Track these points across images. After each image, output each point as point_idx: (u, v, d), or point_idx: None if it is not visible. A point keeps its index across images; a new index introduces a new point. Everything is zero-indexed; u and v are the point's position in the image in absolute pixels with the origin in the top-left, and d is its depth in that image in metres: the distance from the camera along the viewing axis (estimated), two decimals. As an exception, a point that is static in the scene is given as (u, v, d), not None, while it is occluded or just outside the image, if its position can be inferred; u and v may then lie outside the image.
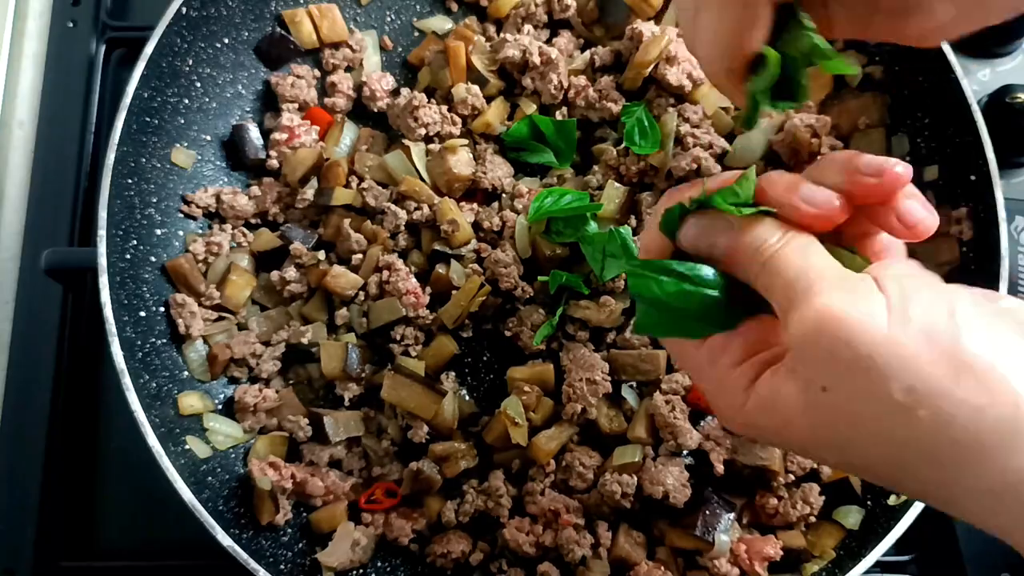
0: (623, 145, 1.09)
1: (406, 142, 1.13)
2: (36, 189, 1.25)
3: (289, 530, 1.02)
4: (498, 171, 1.12)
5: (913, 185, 0.60)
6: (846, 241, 0.63)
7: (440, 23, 1.23)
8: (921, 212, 0.59)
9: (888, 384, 0.49)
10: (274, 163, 1.15)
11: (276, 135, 1.14)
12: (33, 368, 1.17)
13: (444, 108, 1.15)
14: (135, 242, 1.05)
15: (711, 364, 0.63)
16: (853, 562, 0.94)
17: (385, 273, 1.07)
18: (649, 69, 1.11)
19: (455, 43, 1.15)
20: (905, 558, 1.11)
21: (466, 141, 1.13)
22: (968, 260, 1.02)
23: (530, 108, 1.14)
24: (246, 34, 1.16)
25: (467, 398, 1.09)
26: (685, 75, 1.10)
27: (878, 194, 0.59)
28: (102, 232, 0.99)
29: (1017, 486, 0.49)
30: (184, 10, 1.07)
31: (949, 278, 0.57)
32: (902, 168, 0.58)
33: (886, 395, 0.50)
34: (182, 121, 1.12)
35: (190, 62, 1.11)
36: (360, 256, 1.10)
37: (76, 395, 1.17)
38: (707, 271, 0.62)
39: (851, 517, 1.01)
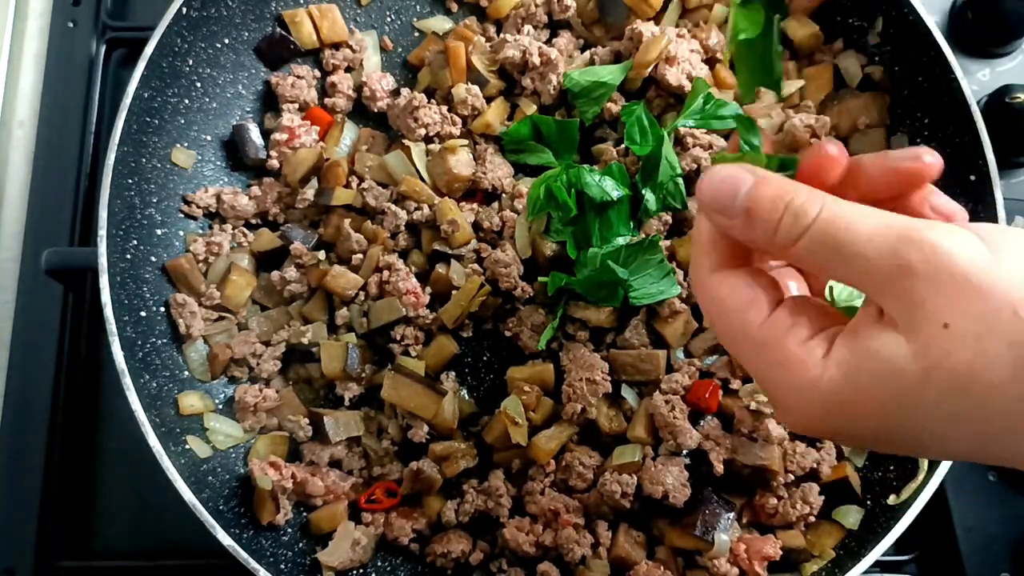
0: (623, 145, 1.09)
1: (406, 142, 1.13)
2: (36, 189, 1.26)
3: (289, 530, 1.02)
4: (498, 171, 1.12)
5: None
6: None
7: (440, 23, 1.23)
8: (954, 203, 0.60)
9: (1014, 307, 0.48)
10: (274, 163, 1.15)
11: (276, 135, 1.14)
12: (33, 368, 1.17)
13: (444, 108, 1.15)
14: (135, 242, 1.05)
15: (775, 344, 0.57)
16: (853, 562, 0.94)
17: (385, 273, 1.08)
18: (649, 69, 1.11)
19: (455, 43, 1.15)
20: (905, 558, 1.11)
21: (466, 141, 1.13)
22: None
23: (530, 108, 1.14)
24: (246, 34, 1.16)
25: (467, 398, 1.09)
26: (685, 75, 1.10)
27: (914, 178, 0.60)
28: (102, 232, 0.99)
29: None
30: (184, 10, 1.07)
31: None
32: (931, 157, 0.60)
33: (1010, 316, 0.48)
34: (182, 121, 1.12)
35: (190, 62, 1.11)
36: (360, 256, 1.10)
37: (76, 395, 1.17)
38: None
39: (851, 517, 1.01)
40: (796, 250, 0.55)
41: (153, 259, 1.08)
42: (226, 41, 1.14)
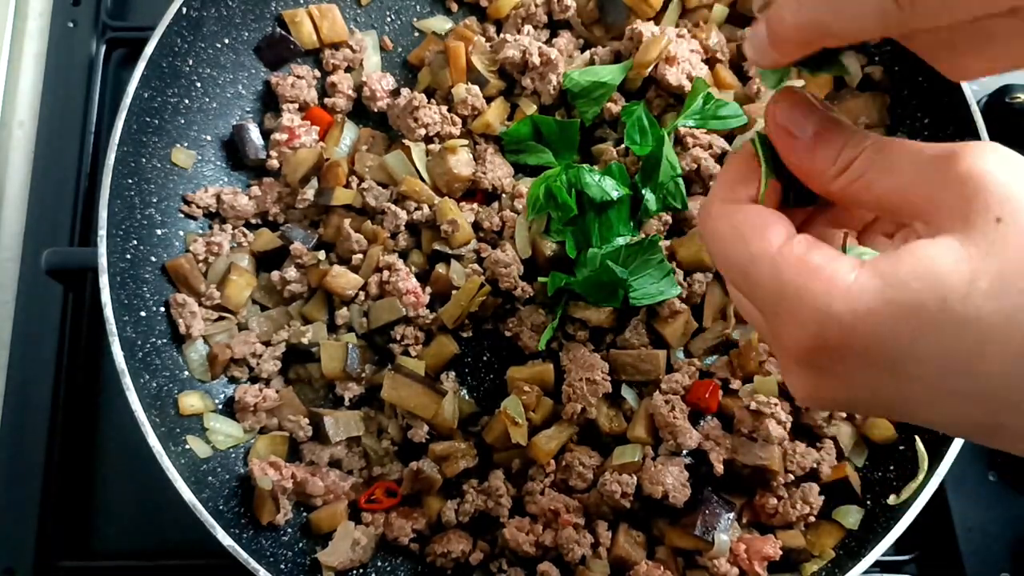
0: (623, 145, 1.10)
1: (406, 142, 1.13)
2: (36, 189, 1.26)
3: (289, 530, 1.02)
4: (498, 171, 1.12)
5: None
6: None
7: (440, 23, 1.23)
8: None
9: None
10: (274, 163, 1.15)
11: (276, 135, 1.14)
12: (33, 368, 1.17)
13: (444, 108, 1.15)
14: (135, 242, 1.05)
15: (797, 259, 0.52)
16: (853, 562, 0.94)
17: (385, 273, 1.08)
18: (649, 69, 1.11)
19: (455, 43, 1.15)
20: (905, 558, 1.11)
21: (466, 141, 1.13)
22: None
23: (530, 108, 1.14)
24: (246, 34, 1.16)
25: (467, 398, 1.09)
26: (684, 75, 1.10)
27: None
28: (102, 232, 1.00)
29: None
30: (184, 10, 1.07)
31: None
32: None
33: None
34: (182, 121, 1.12)
35: (190, 62, 1.11)
36: (360, 256, 1.10)
37: (76, 395, 1.17)
38: None
39: (851, 517, 1.01)
40: (852, 172, 0.54)
41: (153, 259, 1.08)
42: (226, 41, 1.14)
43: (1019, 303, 0.45)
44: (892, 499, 0.99)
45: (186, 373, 1.07)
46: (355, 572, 1.01)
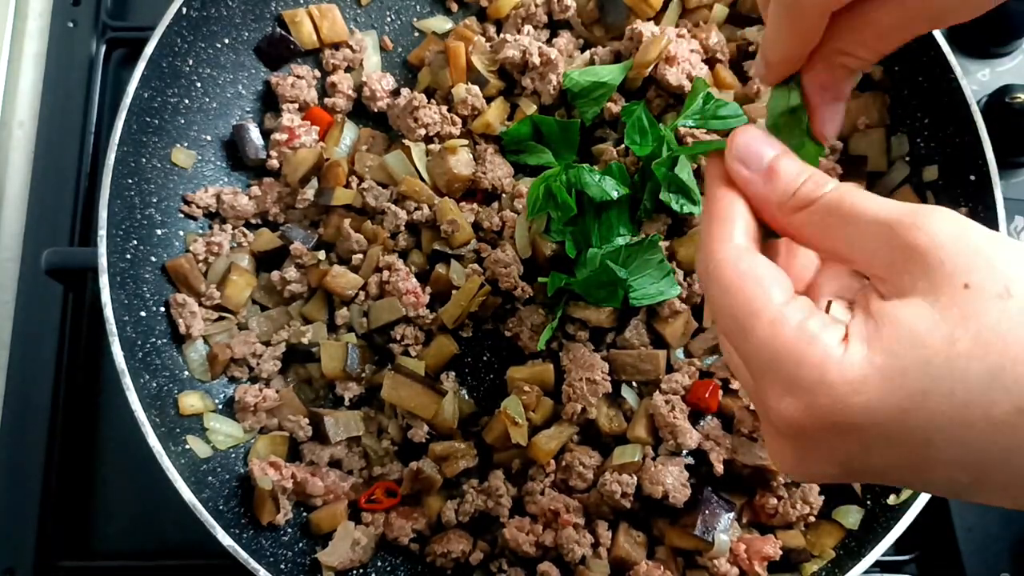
0: (623, 145, 1.09)
1: (406, 142, 1.13)
2: (36, 189, 1.26)
3: (289, 530, 1.02)
4: (498, 171, 1.12)
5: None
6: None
7: (440, 23, 1.23)
8: None
9: None
10: (274, 163, 1.15)
11: (276, 135, 1.14)
12: (33, 368, 1.17)
13: (444, 108, 1.15)
14: (135, 242, 1.05)
15: (796, 324, 0.52)
16: (853, 562, 0.94)
17: (385, 273, 1.08)
18: (649, 69, 1.11)
19: (455, 43, 1.15)
20: (905, 558, 1.11)
21: (466, 141, 1.13)
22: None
23: (530, 108, 1.14)
24: (246, 34, 1.16)
25: (467, 398, 1.09)
26: (684, 75, 1.10)
27: None
28: (102, 232, 1.00)
29: None
30: (184, 10, 1.07)
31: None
32: None
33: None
34: (182, 121, 1.12)
35: (190, 62, 1.11)
36: (360, 256, 1.10)
37: (76, 395, 1.17)
38: None
39: (851, 517, 1.01)
40: (808, 213, 0.55)
41: (153, 259, 1.08)
42: (226, 41, 1.14)
43: (999, 363, 0.46)
44: (892, 499, 0.99)
45: (186, 373, 1.07)
46: (355, 572, 1.01)
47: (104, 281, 0.98)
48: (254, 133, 1.16)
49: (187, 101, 1.12)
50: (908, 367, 0.48)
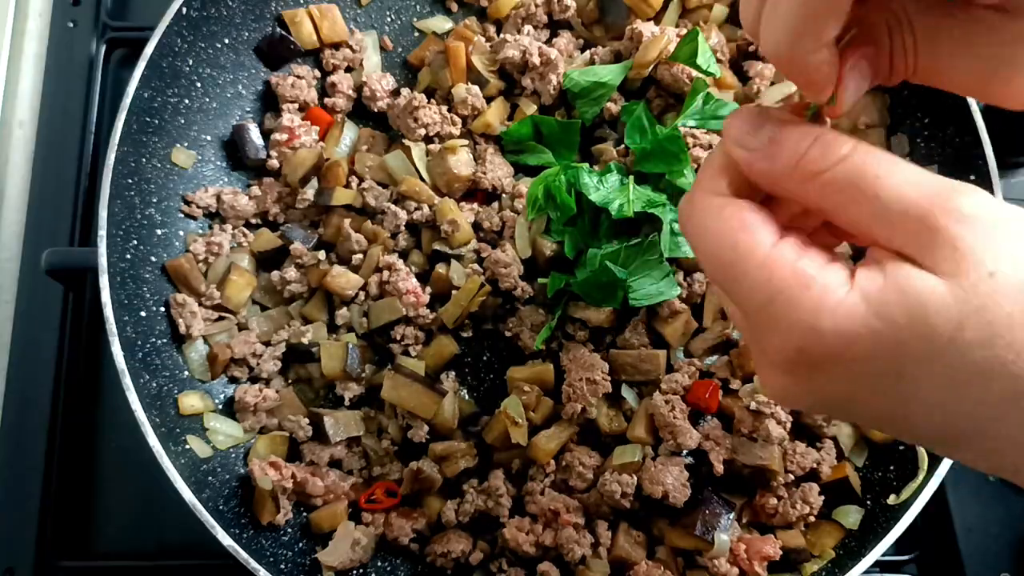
0: (623, 145, 1.10)
1: (406, 142, 1.13)
2: (36, 189, 1.26)
3: (289, 530, 1.02)
4: (498, 171, 1.12)
5: None
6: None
7: (440, 23, 1.23)
8: None
9: None
10: (274, 163, 1.15)
11: (276, 135, 1.14)
12: (33, 368, 1.17)
13: (444, 108, 1.15)
14: (135, 242, 1.05)
15: (787, 265, 0.50)
16: (853, 562, 0.94)
17: (385, 273, 1.08)
18: (649, 69, 1.11)
19: (455, 43, 1.15)
20: (905, 558, 1.11)
21: (466, 141, 1.13)
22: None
23: (530, 108, 1.14)
24: (246, 34, 1.16)
25: (467, 398, 1.09)
26: (685, 75, 1.10)
27: None
28: (102, 232, 1.00)
29: None
30: (184, 10, 1.07)
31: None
32: None
33: None
34: (182, 121, 1.12)
35: (190, 62, 1.11)
36: (360, 256, 1.10)
37: (76, 395, 1.17)
38: None
39: (851, 517, 1.01)
40: (819, 182, 0.51)
41: (153, 259, 1.08)
42: (226, 41, 1.14)
43: (1006, 357, 0.46)
44: (892, 499, 0.99)
45: (186, 373, 1.07)
46: (355, 572, 1.01)
47: (104, 281, 0.98)
48: (254, 133, 1.16)
49: (187, 101, 1.12)
50: (907, 340, 0.47)
